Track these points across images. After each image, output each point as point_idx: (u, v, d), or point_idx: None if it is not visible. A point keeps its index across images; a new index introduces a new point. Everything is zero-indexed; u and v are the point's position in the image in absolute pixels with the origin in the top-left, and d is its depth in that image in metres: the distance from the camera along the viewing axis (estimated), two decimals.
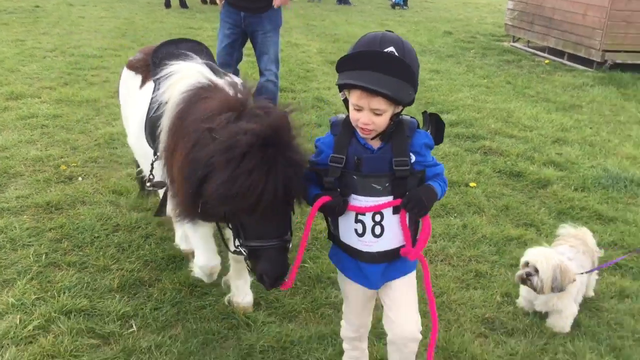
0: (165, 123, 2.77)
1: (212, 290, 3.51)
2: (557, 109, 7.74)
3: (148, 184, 3.16)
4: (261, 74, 6.17)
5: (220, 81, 2.81)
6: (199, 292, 3.50)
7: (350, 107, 2.26)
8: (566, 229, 3.69)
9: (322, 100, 7.60)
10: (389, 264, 2.45)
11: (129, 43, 10.59)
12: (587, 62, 10.16)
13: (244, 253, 2.47)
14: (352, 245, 2.42)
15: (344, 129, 2.34)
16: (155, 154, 2.97)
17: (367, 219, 2.35)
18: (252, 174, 2.17)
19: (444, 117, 7.02)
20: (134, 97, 3.43)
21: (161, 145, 2.81)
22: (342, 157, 2.30)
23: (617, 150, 6.25)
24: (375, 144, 2.33)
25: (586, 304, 3.56)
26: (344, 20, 15.26)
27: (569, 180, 5.39)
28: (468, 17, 17.41)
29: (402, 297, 2.52)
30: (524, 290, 3.46)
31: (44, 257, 3.72)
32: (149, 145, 3.07)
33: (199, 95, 2.69)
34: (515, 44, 12.31)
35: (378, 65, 2.14)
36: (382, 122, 2.23)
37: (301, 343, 3.12)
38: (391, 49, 2.15)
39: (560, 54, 10.84)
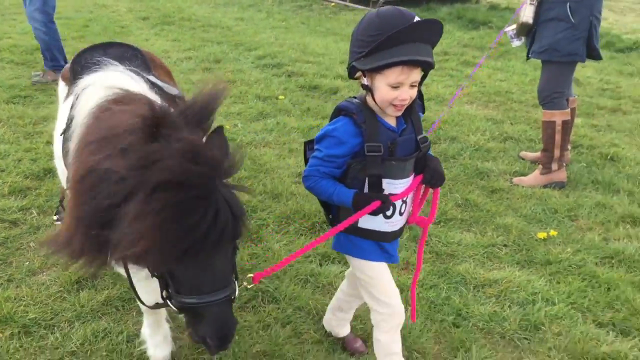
0: (71, 148, 2.21)
1: None
2: (343, 40, 9.41)
3: (55, 217, 2.61)
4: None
5: (140, 89, 2.30)
6: None
7: (385, 89, 2.13)
8: None
9: None
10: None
11: None
12: (365, 2, 12.05)
13: (174, 309, 1.94)
14: (377, 229, 2.35)
15: (368, 115, 2.22)
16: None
17: (399, 201, 2.32)
18: (165, 222, 1.68)
19: (252, 54, 8.38)
20: (60, 112, 2.85)
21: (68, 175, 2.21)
22: (380, 144, 2.20)
23: None
24: (393, 122, 2.27)
25: None
26: None
27: (352, 87, 6.98)
28: None
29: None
30: None
31: None
32: (66, 168, 2.45)
33: (108, 109, 2.11)
34: None
35: (422, 35, 2.08)
36: (415, 94, 2.18)
37: None
38: (417, 18, 2.08)
39: None
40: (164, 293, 1.94)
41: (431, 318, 3.16)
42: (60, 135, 2.48)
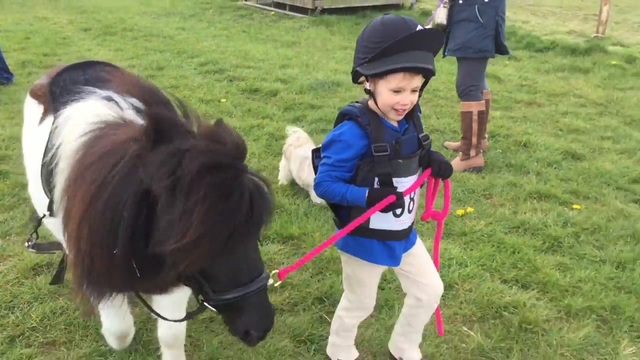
0: (59, 181, 2.12)
1: None
2: (282, 46, 9.83)
3: (27, 244, 2.59)
4: None
5: (129, 113, 2.20)
6: None
7: (387, 94, 2.23)
8: (292, 132, 5.00)
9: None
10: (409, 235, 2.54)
11: None
12: (303, 10, 12.51)
13: (213, 310, 1.93)
14: (387, 228, 2.40)
15: (371, 117, 2.32)
16: (49, 207, 2.32)
17: (406, 198, 2.36)
18: (212, 208, 1.65)
19: (194, 61, 8.67)
20: (32, 134, 2.68)
21: (55, 206, 2.16)
22: (386, 144, 2.28)
23: (325, 67, 8.47)
24: (395, 123, 2.36)
25: None
26: None
27: (291, 89, 7.39)
28: None
29: (426, 261, 2.66)
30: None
31: None
32: (47, 196, 2.37)
33: (101, 133, 2.06)
34: (247, 2, 14.28)
35: (424, 43, 2.18)
36: (416, 99, 2.28)
37: None
38: (419, 27, 2.18)
39: (282, 6, 13.08)
40: (200, 298, 1.92)
41: None
42: (42, 163, 2.35)
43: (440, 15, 5.10)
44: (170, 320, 2.29)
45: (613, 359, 3.00)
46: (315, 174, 2.44)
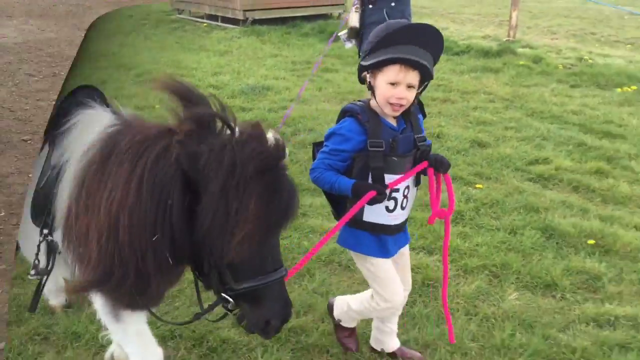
0: (69, 177, 2.12)
1: None
2: (215, 55, 10.19)
3: (32, 272, 2.49)
4: None
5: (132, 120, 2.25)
6: None
7: (384, 86, 2.36)
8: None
9: None
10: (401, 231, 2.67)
11: None
12: (234, 21, 12.91)
13: (230, 300, 1.96)
14: (379, 222, 2.52)
15: (371, 115, 2.45)
16: (41, 232, 2.31)
17: (399, 194, 2.50)
18: (278, 192, 1.81)
19: (130, 73, 8.93)
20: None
21: (63, 205, 2.13)
22: (381, 141, 2.40)
23: (256, 74, 8.89)
24: (394, 122, 2.49)
25: None
26: None
27: (223, 94, 7.78)
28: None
29: (407, 262, 2.85)
30: None
31: None
32: (33, 222, 2.39)
33: (120, 132, 2.09)
34: (180, 15, 14.58)
35: (419, 39, 2.30)
36: (412, 97, 2.38)
37: None
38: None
39: (215, 18, 13.45)
40: (219, 288, 1.96)
41: (285, 257, 3.96)
42: (40, 188, 2.33)
43: (353, 19, 5.62)
44: (181, 325, 2.78)
45: (500, 304, 3.52)
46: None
